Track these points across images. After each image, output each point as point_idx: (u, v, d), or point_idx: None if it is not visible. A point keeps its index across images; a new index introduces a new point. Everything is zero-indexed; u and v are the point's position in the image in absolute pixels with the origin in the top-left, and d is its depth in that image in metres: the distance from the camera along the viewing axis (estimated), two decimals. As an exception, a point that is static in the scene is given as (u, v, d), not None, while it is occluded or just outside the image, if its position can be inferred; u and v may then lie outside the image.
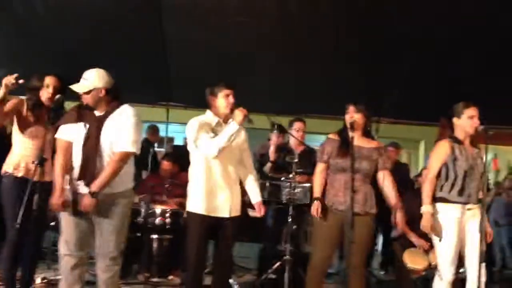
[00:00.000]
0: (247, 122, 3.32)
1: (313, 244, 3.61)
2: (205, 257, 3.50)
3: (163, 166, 5.30)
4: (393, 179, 3.58)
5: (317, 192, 3.57)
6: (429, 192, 3.50)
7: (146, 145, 6.23)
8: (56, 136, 3.10)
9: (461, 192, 3.47)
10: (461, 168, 3.47)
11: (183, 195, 3.85)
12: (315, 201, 3.53)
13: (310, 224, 3.79)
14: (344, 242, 3.45)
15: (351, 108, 3.54)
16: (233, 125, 3.26)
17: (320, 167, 3.63)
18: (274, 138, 4.74)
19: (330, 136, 3.67)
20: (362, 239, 3.38)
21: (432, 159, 3.59)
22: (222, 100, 3.38)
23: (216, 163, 3.35)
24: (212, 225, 3.35)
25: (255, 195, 3.59)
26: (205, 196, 3.35)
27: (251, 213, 3.80)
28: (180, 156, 5.18)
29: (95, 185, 2.96)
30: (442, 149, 3.54)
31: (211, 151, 3.26)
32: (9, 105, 3.36)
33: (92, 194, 2.95)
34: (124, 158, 3.03)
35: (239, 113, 3.27)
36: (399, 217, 3.50)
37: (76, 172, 3.07)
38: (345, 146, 3.49)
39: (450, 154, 3.49)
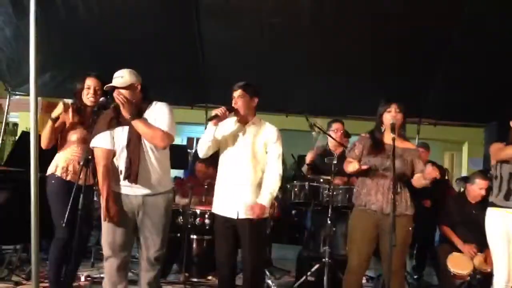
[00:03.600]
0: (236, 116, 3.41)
1: (349, 247, 3.53)
2: (229, 257, 3.42)
3: (197, 167, 5.36)
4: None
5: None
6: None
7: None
8: (92, 146, 3.13)
9: (507, 196, 3.36)
10: (506, 171, 3.38)
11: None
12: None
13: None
14: (380, 245, 3.39)
15: (394, 107, 3.41)
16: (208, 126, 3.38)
17: (346, 160, 3.53)
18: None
19: (363, 134, 3.58)
20: (400, 242, 3.28)
21: (493, 157, 3.52)
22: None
23: (229, 164, 3.40)
24: (232, 225, 3.37)
25: (261, 196, 3.38)
26: (218, 196, 3.43)
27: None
28: (216, 157, 5.26)
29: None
30: (498, 146, 3.46)
31: (198, 151, 3.46)
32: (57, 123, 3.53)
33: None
34: (164, 133, 3.08)
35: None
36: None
37: (121, 174, 3.14)
38: (378, 145, 3.41)
39: None
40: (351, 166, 3.40)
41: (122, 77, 3.12)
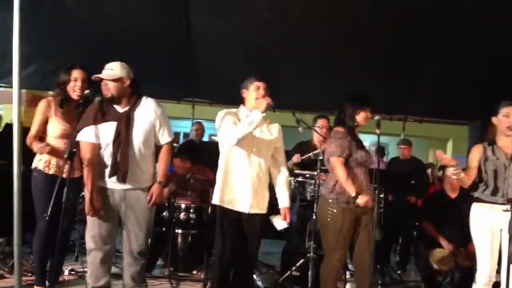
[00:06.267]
0: (271, 111, 3.30)
1: (332, 242, 3.47)
2: (229, 250, 3.40)
3: (174, 163, 5.32)
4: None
5: (355, 188, 3.36)
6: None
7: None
8: (78, 139, 3.11)
9: (494, 192, 3.41)
10: (490, 168, 3.44)
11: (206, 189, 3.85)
12: (361, 195, 3.33)
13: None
14: (359, 239, 3.48)
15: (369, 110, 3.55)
16: (255, 113, 3.21)
17: (339, 162, 3.41)
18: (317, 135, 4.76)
19: (338, 129, 3.54)
20: (371, 235, 3.39)
21: (468, 162, 3.59)
22: (253, 92, 3.37)
23: (242, 157, 3.33)
24: (234, 218, 3.33)
25: (282, 200, 3.50)
26: (224, 188, 3.34)
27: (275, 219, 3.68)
28: (193, 151, 5.26)
29: (162, 176, 3.19)
30: (474, 151, 3.55)
31: (230, 138, 3.24)
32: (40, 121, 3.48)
33: (163, 184, 3.18)
34: (171, 147, 3.28)
35: (262, 101, 3.24)
36: None
37: (107, 169, 3.11)
38: (358, 140, 3.52)
39: (482, 155, 3.49)
40: (348, 184, 3.39)
41: (112, 70, 3.11)
